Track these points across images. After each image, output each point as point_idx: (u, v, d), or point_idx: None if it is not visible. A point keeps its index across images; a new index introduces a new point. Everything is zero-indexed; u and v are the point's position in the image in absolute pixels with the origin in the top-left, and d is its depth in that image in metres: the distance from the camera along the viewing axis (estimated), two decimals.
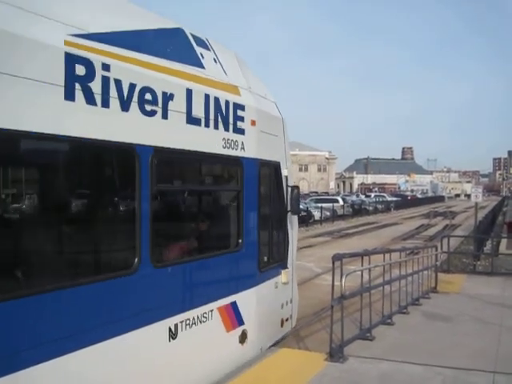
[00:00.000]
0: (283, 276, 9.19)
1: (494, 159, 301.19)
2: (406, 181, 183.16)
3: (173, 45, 7.04)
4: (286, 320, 9.48)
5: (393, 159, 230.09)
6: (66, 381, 5.10)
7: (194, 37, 7.60)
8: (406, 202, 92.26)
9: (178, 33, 7.35)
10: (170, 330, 6.43)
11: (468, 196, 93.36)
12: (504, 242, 26.92)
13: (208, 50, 7.83)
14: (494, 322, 11.17)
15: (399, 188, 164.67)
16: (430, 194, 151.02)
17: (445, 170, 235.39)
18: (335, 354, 8.69)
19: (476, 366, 8.38)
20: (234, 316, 7.75)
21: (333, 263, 8.98)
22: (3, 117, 4.46)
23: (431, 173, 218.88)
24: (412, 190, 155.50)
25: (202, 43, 7.75)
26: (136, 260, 5.92)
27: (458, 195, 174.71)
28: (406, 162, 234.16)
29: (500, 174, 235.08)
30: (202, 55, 7.59)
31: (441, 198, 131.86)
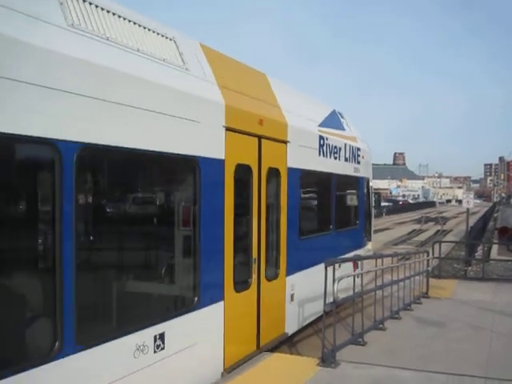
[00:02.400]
0: (369, 245, 15.47)
1: (486, 165, 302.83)
2: (398, 186, 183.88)
3: (334, 120, 12.87)
4: None
5: (384, 164, 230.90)
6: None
7: (338, 113, 13.54)
8: (397, 207, 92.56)
9: (333, 112, 13.16)
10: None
11: (459, 202, 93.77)
12: (495, 247, 27.13)
13: (344, 118, 13.87)
14: (485, 327, 11.23)
15: (391, 193, 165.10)
16: (422, 199, 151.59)
17: (436, 175, 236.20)
18: (327, 359, 8.69)
19: (468, 371, 8.40)
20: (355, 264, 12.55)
21: (325, 268, 8.99)
22: (303, 164, 10.54)
23: (423, 178, 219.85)
24: (403, 196, 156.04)
25: (341, 115, 13.77)
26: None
27: (449, 201, 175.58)
28: (397, 168, 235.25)
29: (491, 180, 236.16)
30: (342, 123, 13.53)
31: (432, 204, 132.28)
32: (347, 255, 12.54)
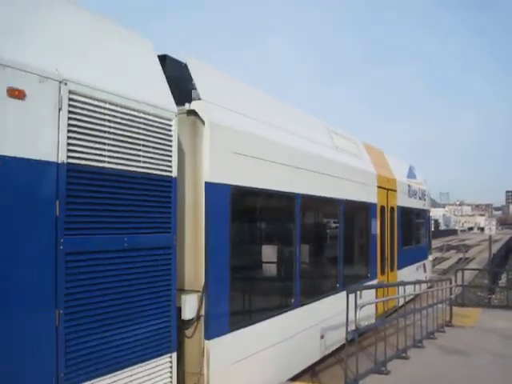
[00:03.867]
0: (430, 256, 22.20)
1: (507, 192, 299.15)
2: None
3: (411, 172, 18.43)
4: None
5: None
6: None
7: (412, 166, 18.82)
8: None
9: (411, 167, 18.60)
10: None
11: (481, 229, 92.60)
12: None
13: (415, 169, 19.17)
14: (510, 355, 11.05)
15: None
16: (443, 227, 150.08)
17: (457, 203, 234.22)
18: None
19: None
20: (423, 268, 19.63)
21: (347, 296, 8.96)
22: (402, 203, 16.94)
23: (444, 206, 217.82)
24: None
25: (414, 168, 18.95)
26: None
27: (471, 228, 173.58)
28: None
29: None
30: (415, 174, 19.08)
31: (453, 232, 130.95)
32: (421, 262, 19.55)
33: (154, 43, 6.55)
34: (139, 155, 5.76)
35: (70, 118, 4.92)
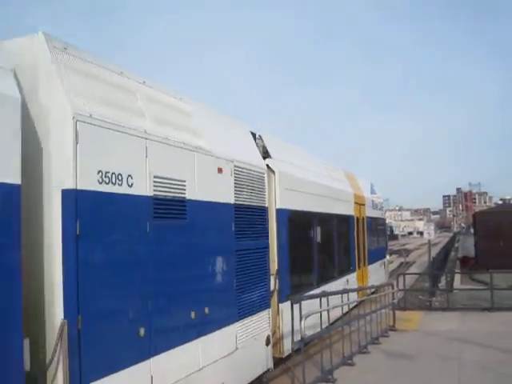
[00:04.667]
0: (387, 256, 26.51)
1: (444, 196, 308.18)
2: None
3: (372, 189, 23.13)
4: None
5: None
6: None
7: (371, 183, 23.10)
8: None
9: (371, 184, 23.10)
10: None
11: (421, 233, 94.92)
12: (458, 277, 27.41)
13: (374, 186, 23.33)
14: (453, 357, 11.27)
15: None
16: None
17: (397, 208, 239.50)
18: None
19: None
20: None
21: (291, 306, 8.95)
22: (369, 214, 21.38)
23: (385, 212, 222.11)
24: None
25: (373, 185, 23.28)
26: None
27: (410, 233, 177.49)
28: None
29: (450, 211, 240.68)
30: (374, 189, 23.24)
31: (394, 237, 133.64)
32: (382, 260, 23.64)
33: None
34: (253, 194, 9.69)
35: (235, 179, 8.96)
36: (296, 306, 9.16)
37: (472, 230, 50.02)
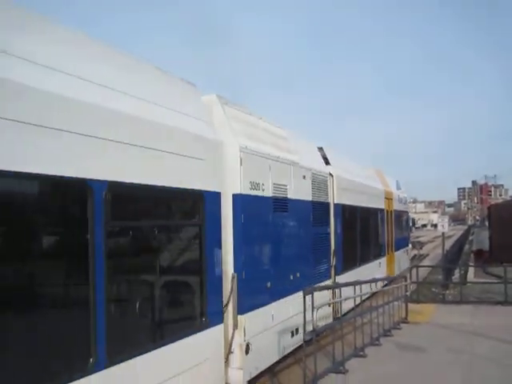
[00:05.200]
0: (410, 245, 30.54)
1: (459, 189, 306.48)
2: None
3: (398, 185, 27.15)
4: None
5: None
6: None
7: (397, 180, 26.85)
8: None
9: (397, 181, 26.94)
10: None
11: (435, 226, 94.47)
12: (472, 270, 27.28)
13: (399, 182, 27.03)
14: (464, 350, 11.28)
15: None
16: None
17: (411, 200, 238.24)
18: None
19: None
20: None
21: (304, 297, 8.98)
22: (397, 207, 25.29)
23: None
24: None
25: (398, 182, 27.03)
26: None
27: (424, 225, 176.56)
28: None
29: (465, 204, 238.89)
30: (400, 185, 27.43)
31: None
32: (406, 248, 27.98)
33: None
34: (321, 193, 13.05)
35: (312, 182, 12.36)
36: (308, 297, 9.18)
37: (487, 223, 49.69)
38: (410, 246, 31.24)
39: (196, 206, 7.79)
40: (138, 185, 6.33)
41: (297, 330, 10.70)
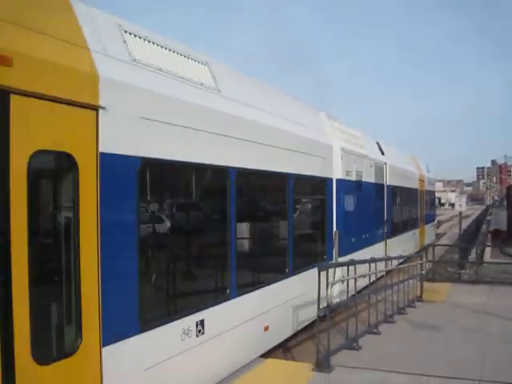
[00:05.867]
0: (435, 220, 35.98)
1: (478, 168, 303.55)
2: None
3: (427, 168, 31.91)
4: None
5: None
6: None
7: (427, 164, 32.66)
8: None
9: (427, 164, 32.62)
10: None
11: (452, 205, 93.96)
12: (488, 250, 27.10)
13: (429, 165, 33.20)
14: (479, 329, 11.24)
15: None
16: None
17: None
18: (322, 364, 8.69)
19: (462, 374, 8.41)
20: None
21: (318, 273, 8.98)
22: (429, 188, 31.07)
23: None
24: None
25: (428, 165, 33.07)
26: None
27: (442, 204, 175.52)
28: None
29: (484, 183, 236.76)
30: (429, 169, 32.74)
31: None
32: (433, 222, 33.49)
33: None
34: (378, 177, 17.18)
35: (375, 170, 16.76)
36: (323, 273, 9.19)
37: (505, 203, 49.21)
38: (436, 221, 37.12)
39: (321, 187, 12.47)
40: (296, 174, 10.61)
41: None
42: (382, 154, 18.90)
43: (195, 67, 7.85)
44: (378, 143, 19.16)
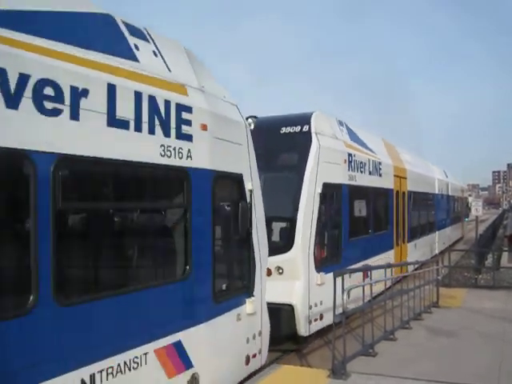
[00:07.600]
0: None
1: (494, 172, 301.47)
2: None
3: (446, 174, 33.73)
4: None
5: None
6: None
7: (445, 170, 33.84)
8: None
9: (444, 171, 33.56)
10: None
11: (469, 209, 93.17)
12: (505, 255, 26.85)
13: (447, 171, 34.93)
14: (496, 336, 11.13)
15: None
16: None
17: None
18: (338, 370, 8.66)
19: (479, 381, 8.35)
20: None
21: (334, 279, 8.96)
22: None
23: None
24: None
25: (447, 171, 34.69)
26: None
27: None
28: None
29: (500, 187, 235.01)
30: (447, 174, 33.69)
31: None
32: (460, 223, 38.57)
33: None
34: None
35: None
36: (338, 280, 9.15)
37: None
38: (461, 222, 40.24)
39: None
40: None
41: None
42: (446, 176, 29.79)
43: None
44: (444, 172, 29.03)
